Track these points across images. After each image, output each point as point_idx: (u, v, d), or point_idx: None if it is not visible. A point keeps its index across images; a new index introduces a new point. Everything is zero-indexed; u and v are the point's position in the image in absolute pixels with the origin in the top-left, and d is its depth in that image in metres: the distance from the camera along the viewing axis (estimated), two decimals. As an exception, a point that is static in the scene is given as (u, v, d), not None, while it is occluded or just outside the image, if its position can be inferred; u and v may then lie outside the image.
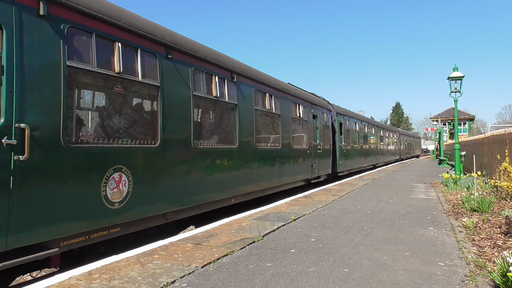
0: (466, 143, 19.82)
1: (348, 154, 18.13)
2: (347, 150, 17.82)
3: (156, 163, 5.70)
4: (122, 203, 4.98)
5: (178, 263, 4.31)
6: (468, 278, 3.82)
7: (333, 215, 7.34)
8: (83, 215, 4.47)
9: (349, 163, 18.50)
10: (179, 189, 6.19)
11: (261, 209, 8.14)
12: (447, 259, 4.50)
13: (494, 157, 10.92)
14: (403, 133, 44.98)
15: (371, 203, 8.97)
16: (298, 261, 4.43)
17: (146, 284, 3.65)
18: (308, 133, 12.93)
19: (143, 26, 5.69)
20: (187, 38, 6.97)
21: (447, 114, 47.25)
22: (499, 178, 9.16)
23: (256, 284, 3.69)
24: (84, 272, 4.00)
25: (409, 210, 7.95)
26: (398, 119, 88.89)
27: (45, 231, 4.05)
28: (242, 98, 8.42)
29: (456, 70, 14.47)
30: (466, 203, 7.92)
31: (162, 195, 5.80)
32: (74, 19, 4.53)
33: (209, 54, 7.36)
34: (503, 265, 3.41)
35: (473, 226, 6.13)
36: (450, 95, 14.67)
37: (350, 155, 18.39)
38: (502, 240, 5.28)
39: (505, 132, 9.75)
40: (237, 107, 8.17)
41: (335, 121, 16.39)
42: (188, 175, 6.42)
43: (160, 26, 6.29)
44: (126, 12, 5.52)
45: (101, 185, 4.68)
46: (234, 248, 4.92)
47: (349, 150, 18.25)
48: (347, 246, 5.07)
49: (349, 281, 3.75)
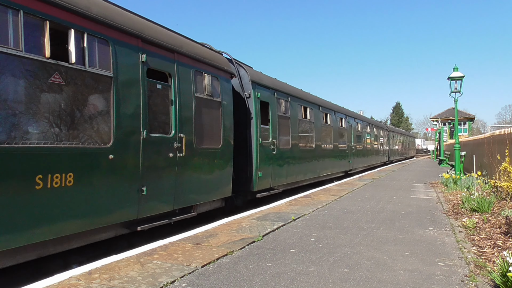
0: (466, 143, 19.82)
1: (284, 157, 10.70)
2: (279, 151, 10.34)
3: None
4: None
5: (178, 263, 4.31)
6: (468, 278, 3.82)
7: (333, 215, 7.33)
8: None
9: (284, 172, 10.69)
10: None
11: (261, 209, 8.15)
12: (447, 259, 4.50)
13: (494, 157, 10.91)
14: (394, 130, 37.95)
15: (371, 203, 8.97)
16: (298, 261, 4.42)
17: (146, 284, 3.65)
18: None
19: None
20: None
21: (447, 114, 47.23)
22: (499, 178, 9.15)
23: (256, 284, 3.69)
24: (84, 272, 4.00)
25: (409, 210, 7.94)
26: (398, 119, 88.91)
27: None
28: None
29: (456, 70, 14.46)
30: (466, 203, 7.92)
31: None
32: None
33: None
34: (503, 265, 3.41)
35: (473, 226, 6.13)
36: (450, 95, 14.68)
37: (286, 159, 10.89)
38: (502, 240, 5.28)
39: (505, 132, 9.75)
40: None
41: (250, 97, 9.17)
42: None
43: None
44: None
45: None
46: (234, 248, 4.92)
47: (285, 152, 10.80)
48: (347, 246, 5.07)
49: (349, 281, 3.75)
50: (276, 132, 10.17)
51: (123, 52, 5.44)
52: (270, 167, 9.77)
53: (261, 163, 9.18)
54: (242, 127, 9.03)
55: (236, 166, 8.48)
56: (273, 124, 10.12)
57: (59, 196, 4.36)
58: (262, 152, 9.24)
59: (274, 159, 9.99)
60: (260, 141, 9.16)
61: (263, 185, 9.44)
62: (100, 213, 4.93)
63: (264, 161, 9.38)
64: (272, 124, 10.08)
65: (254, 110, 9.10)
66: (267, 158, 9.62)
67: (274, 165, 9.98)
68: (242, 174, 8.92)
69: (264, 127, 9.80)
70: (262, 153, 9.24)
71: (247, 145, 9.03)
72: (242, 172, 8.91)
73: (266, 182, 9.63)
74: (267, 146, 9.64)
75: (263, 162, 9.34)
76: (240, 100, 9.13)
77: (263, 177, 9.34)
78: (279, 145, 10.29)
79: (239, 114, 8.91)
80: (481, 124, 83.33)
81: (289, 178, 11.11)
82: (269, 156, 9.70)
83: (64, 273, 3.97)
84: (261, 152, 9.21)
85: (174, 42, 6.61)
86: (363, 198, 9.86)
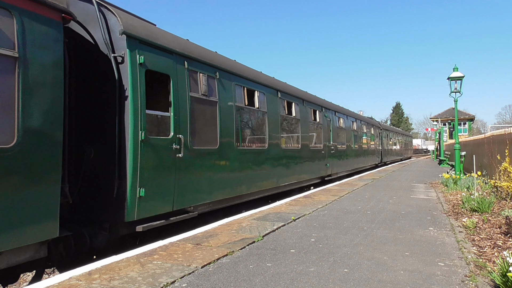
0: (466, 143, 19.82)
1: (206, 163, 7.20)
2: (195, 153, 6.83)
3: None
4: None
5: (178, 263, 4.31)
6: (468, 278, 3.82)
7: (333, 215, 7.34)
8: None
9: (205, 185, 7.11)
10: None
11: (261, 209, 8.15)
12: (447, 259, 4.50)
13: (494, 157, 10.92)
14: (388, 128, 34.51)
15: (371, 203, 8.97)
16: (298, 261, 4.43)
17: (146, 284, 3.65)
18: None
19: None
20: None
21: (447, 114, 47.22)
22: (499, 178, 9.15)
23: (256, 284, 3.69)
24: (84, 272, 4.01)
25: (409, 210, 7.94)
26: (398, 119, 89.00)
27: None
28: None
29: (456, 70, 14.46)
30: (466, 203, 7.92)
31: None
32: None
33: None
34: (503, 265, 3.41)
35: (473, 226, 6.13)
36: (450, 95, 14.67)
37: (211, 166, 7.34)
38: (502, 240, 5.28)
39: (505, 132, 9.75)
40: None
41: (124, 62, 5.61)
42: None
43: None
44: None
45: None
46: (234, 248, 4.92)
47: (207, 155, 7.28)
48: (347, 246, 5.07)
49: (349, 281, 3.75)
50: (186, 124, 6.50)
51: None
52: (172, 178, 6.16)
53: (145, 172, 5.64)
54: (108, 113, 5.58)
55: (94, 178, 5.56)
56: (179, 110, 6.38)
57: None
58: (148, 154, 5.71)
59: (182, 166, 6.36)
60: (143, 137, 5.61)
61: (154, 209, 5.86)
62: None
63: (154, 169, 5.83)
64: (176, 110, 6.32)
65: (131, 84, 5.53)
66: (163, 164, 6.01)
67: (180, 175, 6.32)
68: (105, 192, 5.48)
69: (158, 115, 6.33)
70: (148, 157, 5.71)
71: (116, 143, 5.48)
72: (104, 189, 5.50)
73: (160, 204, 5.97)
74: (161, 145, 6.03)
75: (153, 171, 5.81)
76: (106, 68, 5.58)
77: (152, 196, 5.77)
78: (192, 144, 6.66)
79: (100, 90, 5.69)
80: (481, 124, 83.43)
81: (216, 193, 7.37)
82: (168, 161, 6.10)
83: (64, 274, 3.97)
84: (146, 154, 5.68)
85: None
86: (363, 198, 9.86)
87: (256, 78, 9.54)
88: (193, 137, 6.77)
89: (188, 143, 6.56)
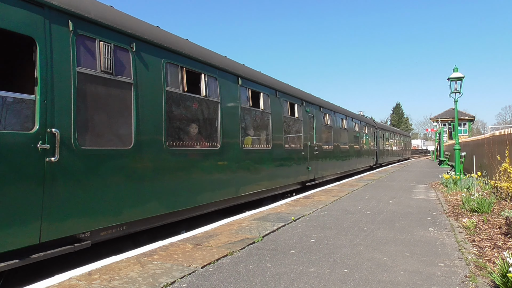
0: (466, 144, 19.83)
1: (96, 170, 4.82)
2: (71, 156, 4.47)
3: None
4: None
5: (178, 263, 4.31)
6: (468, 279, 3.82)
7: (333, 216, 7.34)
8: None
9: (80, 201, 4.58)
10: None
11: (261, 209, 8.14)
12: (447, 259, 4.50)
13: (494, 157, 10.92)
14: (384, 127, 32.17)
15: (371, 203, 8.97)
16: (298, 261, 4.43)
17: (146, 284, 3.65)
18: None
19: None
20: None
21: (447, 114, 47.25)
22: (499, 178, 9.16)
23: (256, 284, 3.69)
24: (84, 272, 4.00)
25: (409, 211, 7.94)
26: (398, 120, 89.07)
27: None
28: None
29: (456, 71, 14.47)
30: (466, 204, 7.92)
31: None
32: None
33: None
34: (503, 266, 3.41)
35: (473, 226, 6.13)
36: (450, 95, 14.69)
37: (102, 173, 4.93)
38: (502, 240, 5.28)
39: (505, 133, 9.75)
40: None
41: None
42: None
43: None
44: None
45: None
46: (234, 249, 4.92)
47: (85, 163, 4.66)
48: (347, 247, 5.07)
49: (349, 282, 3.75)
50: (68, 113, 4.48)
51: None
52: (37, 194, 4.09)
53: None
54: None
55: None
56: (53, 92, 4.33)
57: None
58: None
59: (58, 175, 4.32)
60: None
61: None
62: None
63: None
64: (48, 91, 4.27)
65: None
66: (13, 174, 3.89)
67: (56, 189, 4.29)
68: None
69: (7, 97, 4.09)
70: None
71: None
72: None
73: (12, 234, 3.87)
74: (12, 143, 3.89)
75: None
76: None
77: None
78: (81, 143, 4.62)
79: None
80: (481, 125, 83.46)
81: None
82: (27, 168, 4.02)
83: (64, 274, 3.97)
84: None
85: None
86: (363, 198, 9.86)
87: (200, 56, 7.10)
88: (84, 132, 4.73)
89: (72, 140, 4.47)
